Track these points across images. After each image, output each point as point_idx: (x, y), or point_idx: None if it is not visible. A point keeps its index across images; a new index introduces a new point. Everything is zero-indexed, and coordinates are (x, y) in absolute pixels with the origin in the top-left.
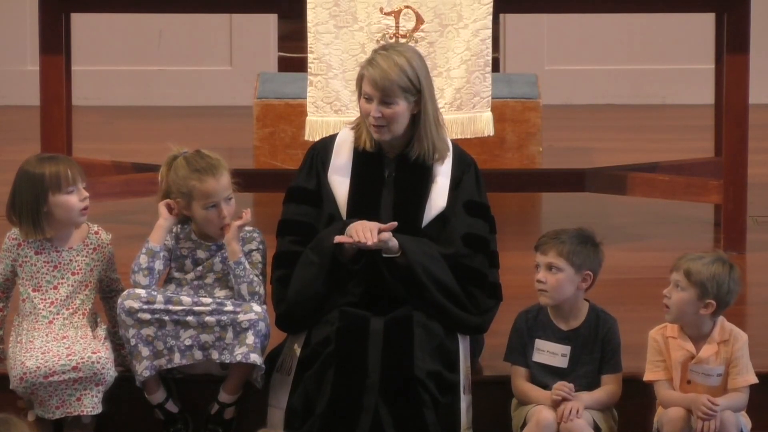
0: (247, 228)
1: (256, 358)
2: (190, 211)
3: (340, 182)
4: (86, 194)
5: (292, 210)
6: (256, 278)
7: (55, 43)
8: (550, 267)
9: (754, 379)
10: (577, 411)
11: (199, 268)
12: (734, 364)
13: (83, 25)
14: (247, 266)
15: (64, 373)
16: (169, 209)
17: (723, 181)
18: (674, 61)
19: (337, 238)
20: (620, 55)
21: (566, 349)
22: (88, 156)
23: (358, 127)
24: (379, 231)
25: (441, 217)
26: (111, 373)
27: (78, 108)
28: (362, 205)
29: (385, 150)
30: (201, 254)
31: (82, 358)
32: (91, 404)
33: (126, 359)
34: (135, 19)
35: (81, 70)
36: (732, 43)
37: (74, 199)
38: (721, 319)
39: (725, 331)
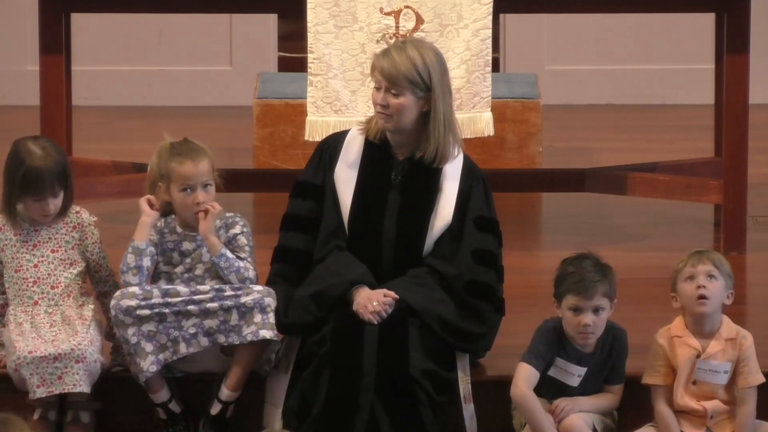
0: (228, 214)
1: (266, 333)
2: (169, 195)
3: (346, 181)
4: (52, 206)
5: (298, 205)
6: (242, 264)
7: (55, 43)
8: (596, 309)
9: (763, 378)
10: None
11: (188, 260)
12: (744, 363)
13: (83, 25)
14: (230, 255)
15: (45, 349)
16: (150, 204)
17: (723, 181)
18: (674, 61)
19: (356, 310)
20: (620, 55)
21: (582, 371)
22: (88, 156)
23: (370, 119)
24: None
25: (445, 232)
26: (92, 353)
27: (78, 108)
28: (367, 209)
29: (394, 150)
30: (187, 245)
31: (63, 342)
32: (71, 382)
33: (126, 359)
34: (135, 19)
35: (81, 70)
36: (732, 43)
37: (37, 206)
38: (726, 317)
39: (732, 329)
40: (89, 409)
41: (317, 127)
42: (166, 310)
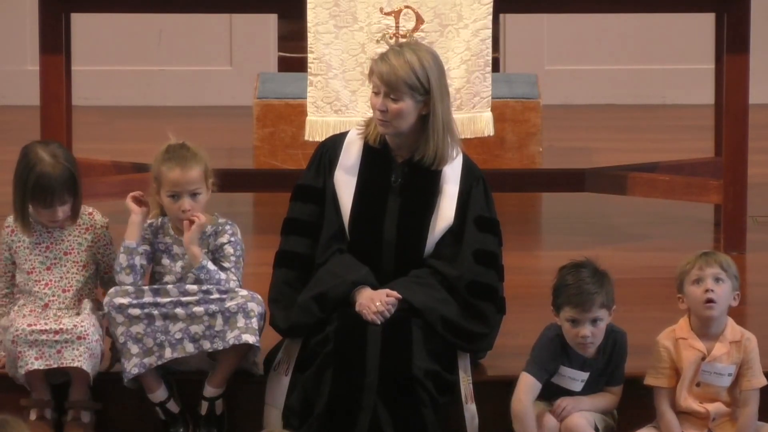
0: (220, 220)
1: (248, 337)
2: (159, 197)
3: (346, 184)
4: (60, 213)
5: (298, 209)
6: (223, 276)
7: (55, 43)
8: (594, 321)
9: (765, 381)
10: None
11: (178, 263)
12: (749, 365)
13: (83, 25)
14: (211, 267)
15: (46, 324)
16: (138, 202)
17: (723, 181)
18: (674, 61)
19: (359, 310)
20: (620, 55)
21: (585, 376)
22: (88, 156)
23: (369, 121)
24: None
25: (446, 233)
26: (94, 333)
27: (78, 108)
28: (367, 212)
29: (393, 152)
30: (177, 250)
31: (65, 318)
32: (71, 357)
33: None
34: (135, 19)
35: (81, 70)
36: (732, 43)
37: (45, 213)
38: (730, 319)
39: (736, 332)
40: (89, 409)
41: (317, 127)
42: (155, 312)
